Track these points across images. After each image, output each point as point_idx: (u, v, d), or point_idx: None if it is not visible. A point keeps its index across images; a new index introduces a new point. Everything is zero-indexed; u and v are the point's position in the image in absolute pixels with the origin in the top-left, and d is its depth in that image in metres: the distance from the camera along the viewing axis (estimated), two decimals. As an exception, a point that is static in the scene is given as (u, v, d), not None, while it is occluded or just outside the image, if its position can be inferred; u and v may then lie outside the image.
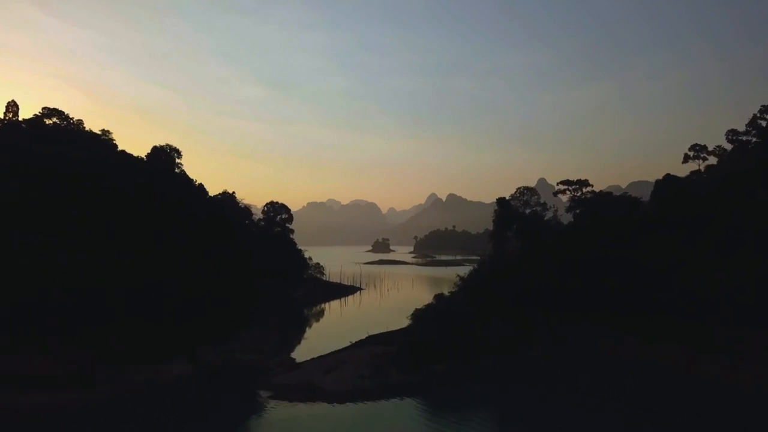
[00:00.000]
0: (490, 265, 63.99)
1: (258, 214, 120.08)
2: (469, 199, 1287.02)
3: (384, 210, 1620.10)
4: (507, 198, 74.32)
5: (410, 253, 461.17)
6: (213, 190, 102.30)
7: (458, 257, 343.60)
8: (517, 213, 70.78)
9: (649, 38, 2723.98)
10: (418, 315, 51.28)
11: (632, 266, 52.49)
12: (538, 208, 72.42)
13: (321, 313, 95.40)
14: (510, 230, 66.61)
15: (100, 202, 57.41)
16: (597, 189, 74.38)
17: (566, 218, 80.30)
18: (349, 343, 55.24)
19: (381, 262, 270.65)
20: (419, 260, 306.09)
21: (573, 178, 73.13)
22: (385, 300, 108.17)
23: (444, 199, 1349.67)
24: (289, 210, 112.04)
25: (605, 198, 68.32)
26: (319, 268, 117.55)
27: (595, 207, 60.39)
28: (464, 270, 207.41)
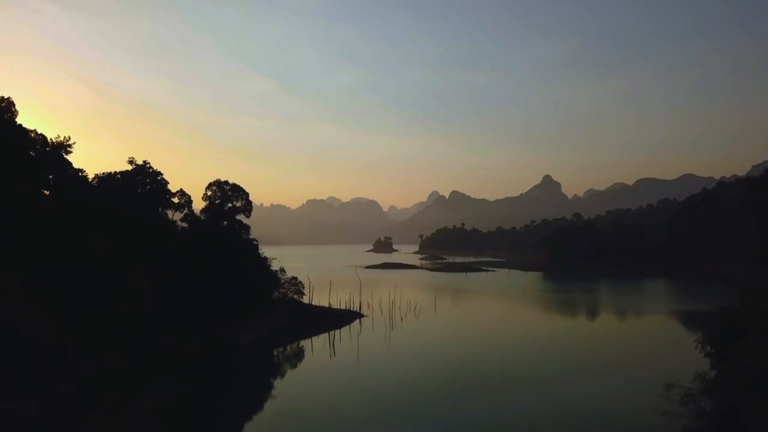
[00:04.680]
0: None
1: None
2: (473, 196, 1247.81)
3: (385, 208, 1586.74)
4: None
5: (415, 253, 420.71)
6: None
7: (470, 259, 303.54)
8: None
9: (654, 37, 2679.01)
10: None
11: None
12: None
13: (283, 369, 54.15)
14: None
15: None
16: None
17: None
18: None
19: (385, 266, 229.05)
20: (429, 263, 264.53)
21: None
22: (401, 337, 66.96)
23: (447, 197, 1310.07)
24: (247, 194, 70.21)
25: None
26: (296, 284, 75.91)
27: None
28: (488, 277, 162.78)
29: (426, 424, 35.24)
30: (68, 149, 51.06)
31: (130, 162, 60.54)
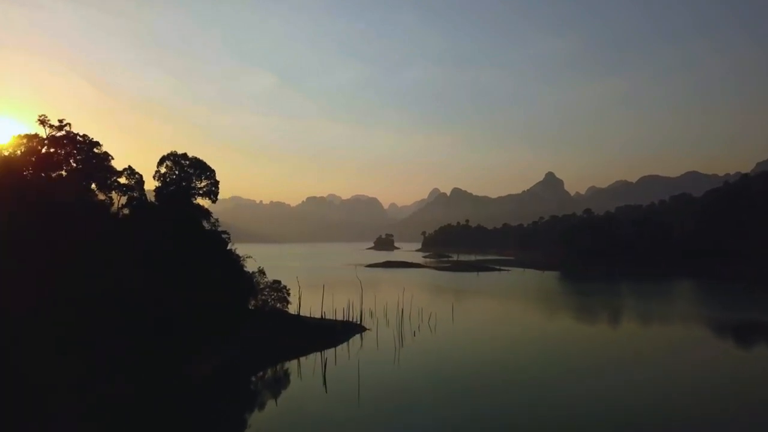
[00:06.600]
0: None
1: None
2: (474, 193, 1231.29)
3: (385, 205, 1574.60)
4: None
5: (418, 251, 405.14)
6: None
7: (476, 257, 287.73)
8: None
9: (654, 37, 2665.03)
10: None
11: None
12: None
13: (254, 413, 37.69)
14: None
15: None
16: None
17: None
18: None
19: (387, 264, 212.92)
20: (434, 261, 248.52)
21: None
22: (415, 361, 50.66)
23: (448, 194, 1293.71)
24: (213, 173, 53.88)
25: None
26: (278, 289, 59.56)
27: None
28: (502, 277, 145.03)
29: None
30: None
31: (42, 122, 43.91)
